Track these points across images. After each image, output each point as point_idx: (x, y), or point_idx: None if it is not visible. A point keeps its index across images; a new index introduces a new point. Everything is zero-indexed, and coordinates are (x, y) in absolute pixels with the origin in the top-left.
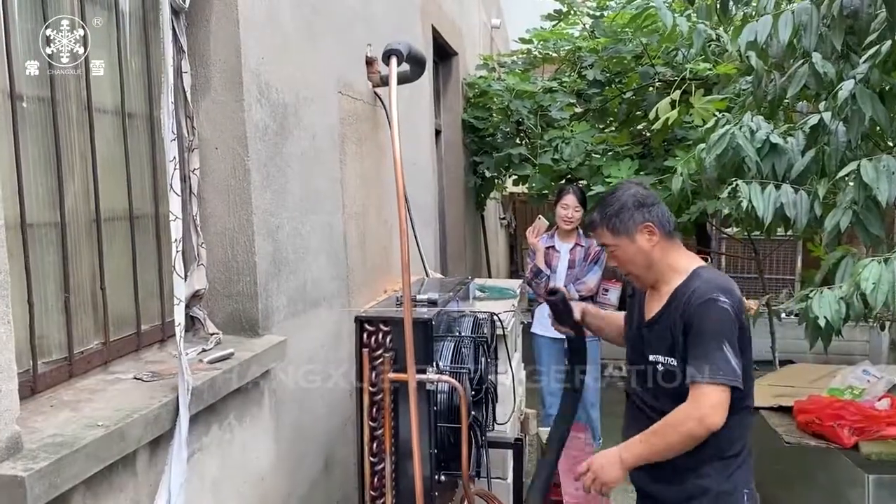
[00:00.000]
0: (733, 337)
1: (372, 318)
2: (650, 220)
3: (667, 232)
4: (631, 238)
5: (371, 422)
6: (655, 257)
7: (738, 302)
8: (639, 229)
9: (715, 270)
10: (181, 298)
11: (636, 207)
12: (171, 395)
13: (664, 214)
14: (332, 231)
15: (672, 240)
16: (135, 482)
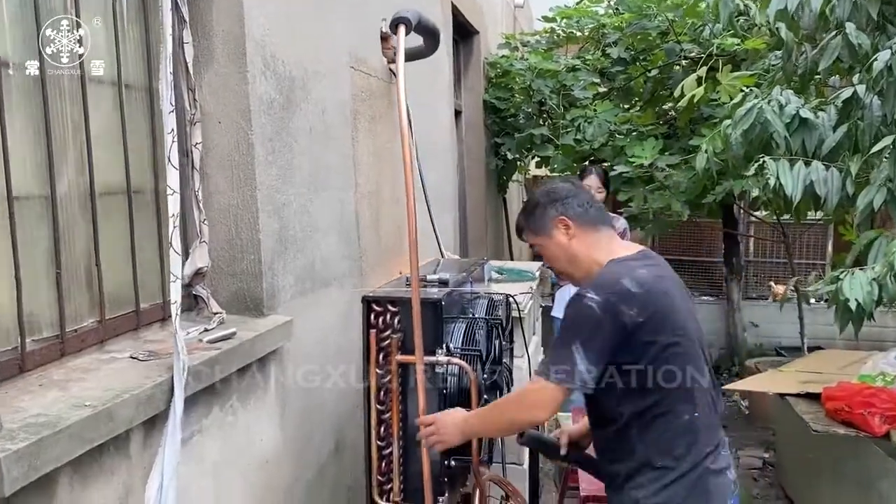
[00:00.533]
0: (594, 337)
1: (379, 299)
2: (563, 214)
3: (587, 224)
4: (549, 235)
5: (379, 405)
6: (576, 251)
7: (622, 297)
8: (554, 224)
9: (626, 264)
10: (178, 276)
11: (549, 203)
12: (166, 374)
13: (582, 206)
14: (342, 209)
15: (597, 231)
16: (128, 465)
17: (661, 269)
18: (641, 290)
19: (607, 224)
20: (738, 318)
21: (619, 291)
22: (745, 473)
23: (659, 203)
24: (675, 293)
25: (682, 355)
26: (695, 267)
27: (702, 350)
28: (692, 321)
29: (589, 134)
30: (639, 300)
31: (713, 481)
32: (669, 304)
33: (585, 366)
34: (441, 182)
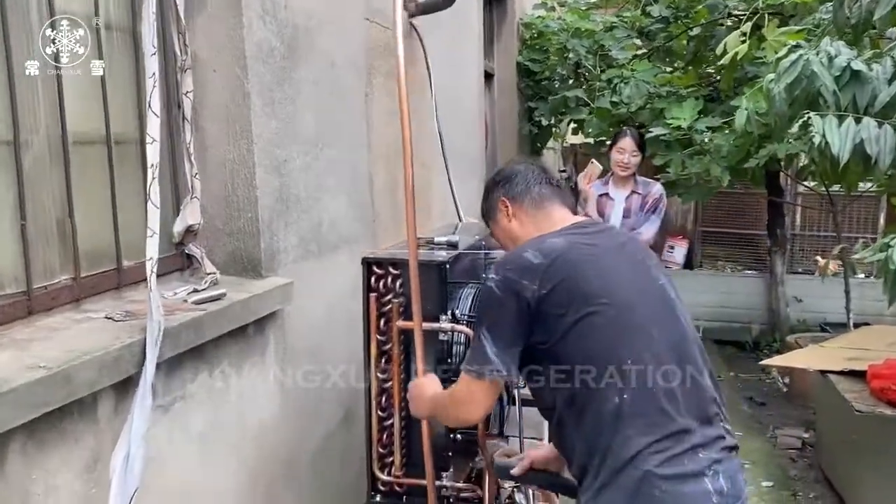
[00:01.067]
0: (498, 319)
1: (380, 260)
2: (504, 195)
3: (529, 203)
4: (495, 219)
5: (380, 373)
6: (516, 233)
7: (521, 270)
8: (498, 208)
9: (541, 237)
10: (155, 230)
11: (494, 187)
12: (138, 336)
13: (525, 184)
14: (354, 171)
15: (539, 210)
16: (95, 431)
17: (592, 237)
18: (545, 260)
19: (558, 201)
20: (781, 293)
21: (519, 265)
22: (782, 454)
23: (697, 168)
24: (602, 261)
25: (604, 327)
26: (738, 239)
27: (664, 328)
28: (639, 289)
29: (625, 95)
30: (540, 270)
31: (666, 488)
32: (584, 271)
33: (494, 352)
34: (467, 145)
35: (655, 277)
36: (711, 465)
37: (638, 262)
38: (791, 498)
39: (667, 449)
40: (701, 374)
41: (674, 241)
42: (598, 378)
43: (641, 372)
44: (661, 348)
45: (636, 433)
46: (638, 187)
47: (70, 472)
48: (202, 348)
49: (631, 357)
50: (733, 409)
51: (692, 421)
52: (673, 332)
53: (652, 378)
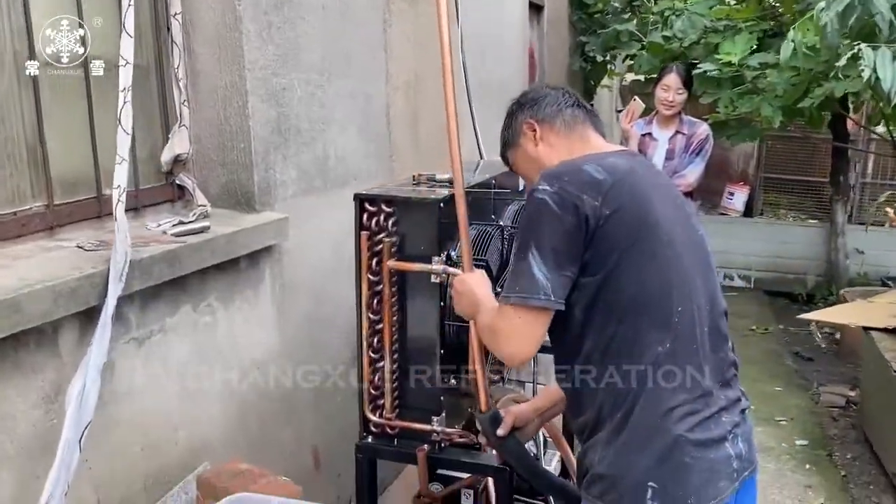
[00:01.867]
0: (551, 236)
1: (373, 197)
2: (531, 117)
3: (560, 125)
4: (518, 145)
5: (371, 314)
6: (543, 157)
7: (583, 184)
8: (522, 130)
9: (594, 155)
10: (124, 157)
11: (518, 110)
12: (104, 266)
13: (556, 105)
14: (368, 102)
15: (572, 132)
16: (56, 364)
17: (644, 167)
18: (609, 177)
19: (592, 126)
20: (841, 244)
21: (579, 178)
22: (824, 412)
23: (747, 107)
24: (657, 195)
25: (663, 267)
26: (803, 186)
27: (705, 281)
28: (686, 235)
29: (677, 29)
30: (605, 187)
31: (696, 454)
32: (646, 201)
33: (543, 273)
34: (507, 81)
35: (696, 227)
36: (732, 429)
37: (680, 207)
38: (826, 458)
39: (697, 412)
40: (726, 333)
41: (734, 188)
42: (649, 322)
43: (686, 323)
44: (702, 302)
45: (669, 389)
46: (683, 127)
47: (26, 402)
48: (183, 281)
49: (681, 305)
50: (777, 363)
51: (714, 383)
52: (710, 287)
53: (692, 331)
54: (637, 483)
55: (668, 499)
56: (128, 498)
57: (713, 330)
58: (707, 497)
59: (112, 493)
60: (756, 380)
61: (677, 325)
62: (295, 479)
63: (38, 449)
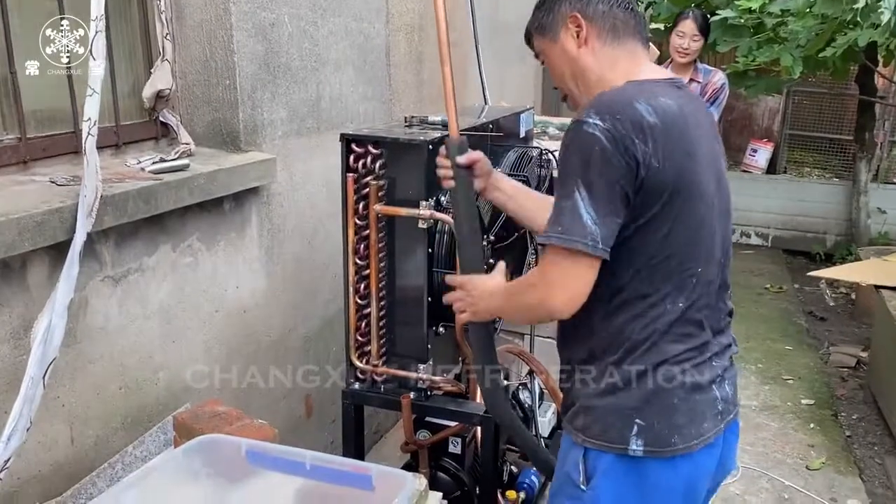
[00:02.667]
0: (604, 175)
1: (360, 138)
2: (577, 10)
3: (610, 30)
4: (555, 36)
5: (358, 260)
6: (585, 64)
7: (634, 125)
8: (564, 22)
9: (645, 86)
10: (95, 89)
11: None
12: (74, 201)
13: (608, 4)
14: (366, 42)
15: (620, 43)
16: (25, 298)
17: (691, 105)
18: (660, 122)
19: (639, 39)
20: (863, 203)
21: (632, 117)
22: (834, 372)
23: (767, 56)
24: (701, 141)
25: (695, 225)
26: (828, 144)
27: (724, 232)
28: (717, 183)
29: None
30: (656, 133)
31: (683, 396)
32: (692, 153)
33: (591, 217)
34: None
35: (724, 170)
36: (722, 373)
37: (717, 147)
38: (831, 418)
39: (692, 359)
40: (729, 282)
41: (757, 144)
42: (666, 279)
43: (702, 283)
44: (719, 256)
45: (671, 340)
46: (698, 75)
47: None
48: (161, 220)
49: (702, 266)
50: (789, 322)
51: (712, 332)
52: (726, 239)
53: (706, 290)
54: (623, 419)
55: (652, 436)
56: (104, 436)
57: (722, 283)
58: (690, 437)
59: (86, 430)
60: (766, 338)
61: (694, 286)
62: (285, 424)
63: (4, 384)
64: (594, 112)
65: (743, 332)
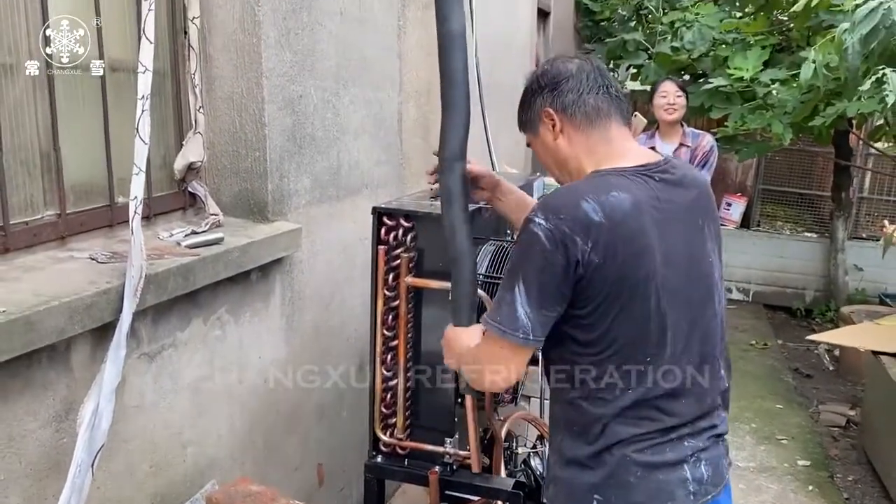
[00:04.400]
0: (541, 272)
1: (392, 211)
2: (549, 104)
3: (582, 117)
4: (535, 131)
5: (386, 331)
6: (564, 153)
7: (577, 224)
8: (541, 120)
9: (604, 179)
10: (141, 167)
11: (538, 92)
12: (118, 281)
13: (577, 92)
14: (381, 109)
15: (593, 127)
16: (69, 380)
17: (664, 189)
18: (606, 221)
19: (617, 117)
20: (841, 259)
21: (575, 217)
22: (824, 431)
23: (758, 123)
24: (665, 229)
25: (640, 322)
26: (800, 199)
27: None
28: (688, 273)
29: (687, 41)
30: (599, 232)
31: (642, 474)
32: (640, 250)
33: (526, 311)
34: (516, 85)
35: (709, 252)
36: (695, 454)
37: (699, 231)
38: (828, 480)
39: (651, 439)
40: (717, 366)
41: (731, 198)
42: (615, 369)
43: (662, 370)
44: (687, 347)
45: (624, 423)
46: (686, 139)
47: (36, 420)
48: (195, 294)
49: (650, 356)
50: (776, 380)
51: (688, 416)
52: (704, 325)
53: (668, 376)
54: (583, 493)
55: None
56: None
57: (701, 367)
58: None
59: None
60: (756, 396)
61: (646, 375)
62: (299, 494)
63: (47, 469)
64: (541, 211)
65: (733, 390)
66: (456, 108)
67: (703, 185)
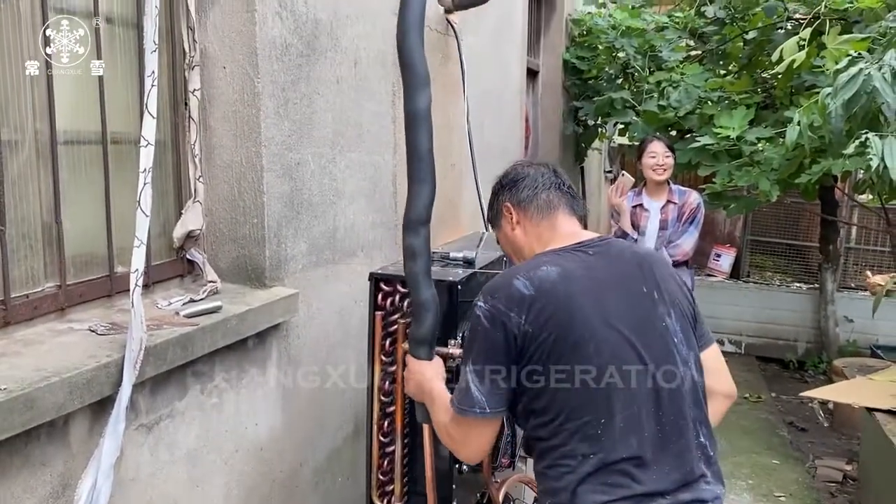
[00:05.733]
0: (483, 351)
1: (389, 277)
2: (507, 200)
3: (535, 210)
4: (499, 224)
5: (383, 396)
6: (520, 243)
7: (510, 301)
8: (502, 213)
9: (538, 258)
10: (143, 240)
11: (500, 190)
12: (118, 354)
13: (531, 189)
14: (376, 172)
15: (544, 219)
16: (66, 455)
17: (595, 261)
18: (535, 293)
19: (566, 210)
20: (831, 311)
21: (508, 294)
22: (821, 486)
23: (745, 181)
24: (601, 294)
25: (583, 384)
26: (788, 249)
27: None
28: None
29: (673, 100)
30: (529, 305)
31: None
32: (573, 313)
33: (477, 387)
34: (506, 145)
35: (661, 316)
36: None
37: (642, 296)
38: None
39: None
40: (692, 434)
41: (721, 250)
42: (571, 435)
43: (613, 436)
44: (644, 408)
45: (591, 490)
46: (673, 196)
47: (33, 497)
48: (194, 363)
49: (602, 420)
50: (772, 434)
51: (667, 484)
52: (665, 390)
53: (622, 443)
54: None
55: None
56: None
57: (667, 433)
58: None
59: None
60: (752, 451)
61: (603, 440)
62: None
63: None
64: (481, 294)
65: (729, 445)
66: (422, 180)
67: (646, 258)
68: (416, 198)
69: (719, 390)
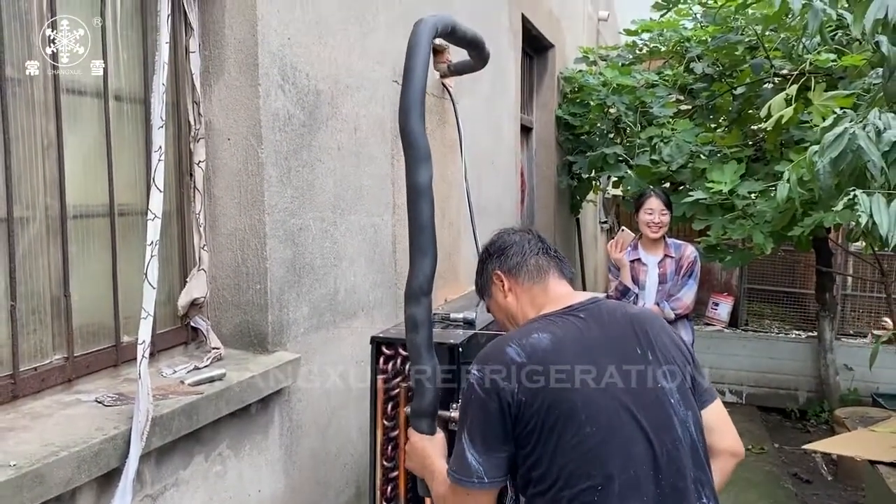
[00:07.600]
0: (477, 420)
1: (391, 340)
2: (497, 268)
3: (525, 276)
4: (490, 292)
5: (385, 461)
6: (513, 308)
7: (503, 369)
8: (493, 282)
9: (531, 325)
10: (149, 311)
11: (486, 260)
12: (125, 426)
13: (520, 255)
14: (376, 233)
15: (535, 284)
16: None
17: (587, 325)
18: (527, 360)
19: (556, 273)
20: (830, 360)
21: (501, 362)
22: None
23: (739, 234)
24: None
25: (577, 447)
26: (785, 297)
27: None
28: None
29: (665, 154)
30: (522, 373)
31: None
32: (564, 378)
33: (474, 458)
34: (502, 201)
35: (655, 377)
36: None
37: (637, 359)
38: None
39: None
40: (693, 493)
41: (718, 298)
42: (568, 501)
43: (610, 499)
44: (642, 472)
45: None
46: (670, 250)
47: None
48: (198, 432)
49: (599, 485)
50: (776, 486)
51: None
52: (665, 453)
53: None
54: None
55: None
56: None
57: (667, 498)
58: None
59: None
60: None
61: (599, 501)
62: None
63: None
64: (474, 364)
65: (734, 499)
66: (424, 252)
67: (637, 317)
68: (417, 269)
69: (724, 448)
